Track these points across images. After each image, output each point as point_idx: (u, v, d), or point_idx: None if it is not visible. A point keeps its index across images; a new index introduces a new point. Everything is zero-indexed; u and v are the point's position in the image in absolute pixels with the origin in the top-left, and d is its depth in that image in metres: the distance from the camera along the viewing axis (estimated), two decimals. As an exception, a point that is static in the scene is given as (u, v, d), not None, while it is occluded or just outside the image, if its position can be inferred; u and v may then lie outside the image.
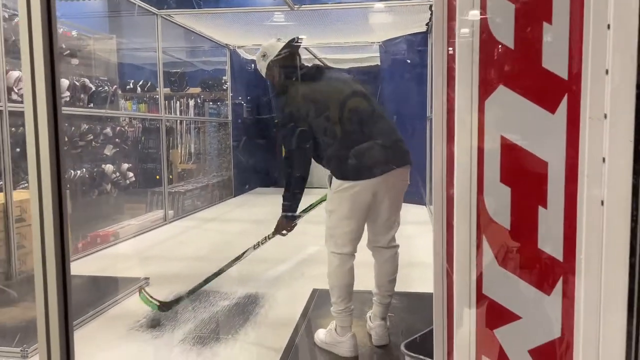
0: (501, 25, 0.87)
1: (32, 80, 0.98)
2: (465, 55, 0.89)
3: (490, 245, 0.91)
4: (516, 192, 0.90)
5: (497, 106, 0.89)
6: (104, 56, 7.02)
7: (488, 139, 0.90)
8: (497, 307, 0.92)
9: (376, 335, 2.60)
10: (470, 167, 0.90)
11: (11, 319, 2.94)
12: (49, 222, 1.04)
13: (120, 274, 3.89)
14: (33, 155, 0.99)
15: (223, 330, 2.90)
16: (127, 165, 6.84)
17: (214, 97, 8.46)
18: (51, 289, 1.15)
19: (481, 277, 0.92)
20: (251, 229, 5.84)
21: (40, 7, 0.95)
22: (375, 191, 2.36)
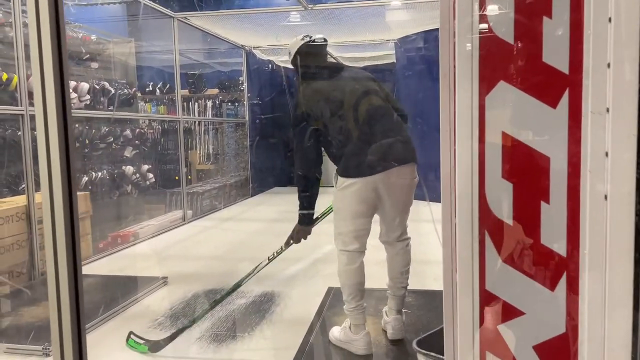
0: (501, 20, 0.87)
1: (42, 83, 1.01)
2: (465, 51, 0.89)
3: (493, 242, 0.91)
4: (518, 187, 0.90)
5: (498, 102, 0.89)
6: (122, 59, 7.14)
7: (489, 135, 0.90)
8: (500, 303, 0.92)
9: (392, 329, 2.61)
10: (472, 163, 0.90)
11: (33, 318, 3.02)
12: (60, 224, 1.07)
13: (140, 273, 3.96)
14: (44, 157, 1.02)
15: (239, 328, 2.93)
16: (147, 166, 6.95)
17: (231, 97, 8.53)
18: (63, 290, 1.18)
19: (484, 273, 0.92)
20: (268, 228, 5.88)
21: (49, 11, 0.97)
22: (377, 188, 2.37)
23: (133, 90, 6.99)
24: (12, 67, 4.76)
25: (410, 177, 2.48)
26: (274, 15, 6.38)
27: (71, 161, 1.04)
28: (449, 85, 1.36)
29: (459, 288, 0.93)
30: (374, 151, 2.38)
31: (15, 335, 2.81)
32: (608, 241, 0.84)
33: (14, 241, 3.67)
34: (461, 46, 0.89)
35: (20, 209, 3.72)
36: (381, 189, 2.39)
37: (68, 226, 1.07)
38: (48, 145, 1.02)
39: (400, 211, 2.54)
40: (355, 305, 2.46)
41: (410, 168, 2.47)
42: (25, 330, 2.85)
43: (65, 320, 1.16)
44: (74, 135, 1.37)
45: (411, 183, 2.50)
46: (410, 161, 2.47)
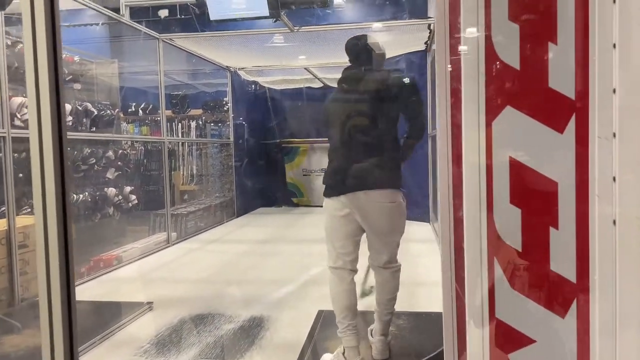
0: (506, 46, 0.88)
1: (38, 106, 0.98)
2: (471, 76, 0.89)
3: (502, 267, 0.90)
4: (526, 212, 0.89)
5: (505, 127, 0.89)
6: (106, 80, 7.08)
7: (496, 159, 0.89)
8: (510, 331, 0.91)
9: (376, 349, 2.61)
10: (479, 188, 0.89)
11: (13, 347, 2.91)
12: (53, 248, 1.03)
13: (124, 298, 3.85)
14: (38, 180, 0.99)
15: (228, 354, 2.86)
16: (130, 188, 6.85)
17: (216, 118, 8.50)
18: (56, 316, 1.13)
19: (493, 300, 0.90)
20: (254, 249, 5.81)
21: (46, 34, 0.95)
22: (347, 209, 2.40)
23: (116, 111, 6.93)
24: (-7, 89, 4.68)
25: (383, 200, 2.40)
26: (260, 37, 6.41)
27: (66, 185, 1.01)
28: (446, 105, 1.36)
29: (469, 316, 0.91)
30: (340, 173, 2.44)
31: (-6, 366, 2.70)
32: (617, 266, 0.84)
33: (-7, 267, 3.55)
34: (467, 72, 0.89)
35: (0, 233, 3.62)
36: (353, 211, 2.40)
37: (62, 251, 1.03)
38: (42, 168, 0.98)
39: (381, 236, 2.49)
40: (346, 325, 2.43)
41: (380, 193, 2.40)
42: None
43: (57, 347, 1.11)
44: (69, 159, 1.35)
45: (388, 207, 2.42)
46: (381, 187, 2.41)
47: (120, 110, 7.18)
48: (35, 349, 2.86)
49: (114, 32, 7.91)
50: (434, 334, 2.96)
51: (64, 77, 5.83)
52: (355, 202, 2.38)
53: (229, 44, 6.57)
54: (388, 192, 2.43)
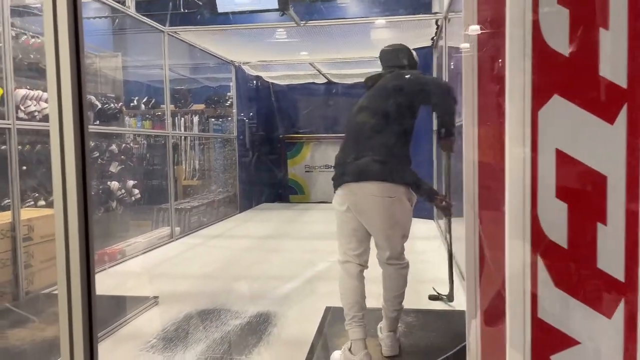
0: (555, 32, 0.83)
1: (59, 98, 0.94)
2: (517, 63, 0.85)
3: (546, 265, 0.86)
4: (573, 208, 0.85)
5: (552, 117, 0.85)
6: (109, 73, 7.04)
7: (542, 152, 0.85)
8: (553, 332, 0.86)
9: (385, 346, 2.60)
10: (524, 182, 0.85)
11: (19, 341, 2.87)
12: (74, 240, 1.00)
13: (129, 292, 3.82)
14: (58, 173, 0.95)
15: (236, 350, 2.82)
16: (133, 182, 6.81)
17: (219, 113, 8.45)
18: (75, 307, 1.10)
19: (536, 300, 0.86)
20: (257, 244, 5.78)
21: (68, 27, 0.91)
22: (351, 201, 2.41)
23: (119, 105, 6.89)
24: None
25: (378, 194, 2.37)
26: (265, 32, 6.36)
27: (87, 178, 0.97)
28: (472, 97, 1.32)
29: (509, 316, 0.87)
30: (342, 166, 2.49)
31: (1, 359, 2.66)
32: (670, 265, 0.79)
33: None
34: (512, 58, 0.84)
35: (4, 226, 3.58)
36: (353, 203, 2.41)
37: (83, 241, 0.99)
38: (63, 161, 0.94)
39: (380, 232, 2.46)
40: (352, 316, 2.42)
41: (378, 186, 2.37)
42: (11, 354, 2.71)
43: (77, 337, 1.07)
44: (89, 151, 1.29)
45: (386, 202, 2.38)
46: (378, 180, 2.38)
47: (123, 104, 7.14)
48: (38, 343, 2.83)
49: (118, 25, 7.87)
50: (443, 331, 2.93)
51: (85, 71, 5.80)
52: (350, 195, 2.42)
53: (234, 37, 6.52)
54: (387, 186, 2.38)
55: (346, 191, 2.42)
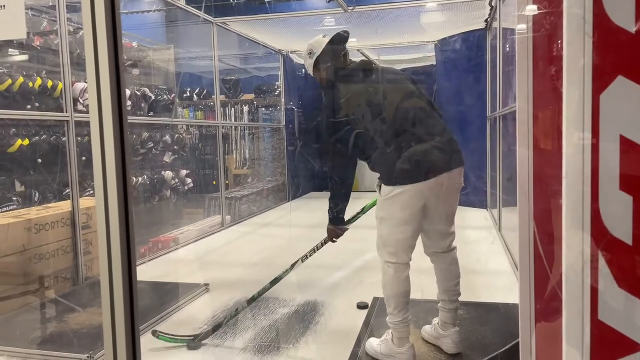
0: (619, 6, 0.75)
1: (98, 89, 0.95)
2: (576, 41, 0.77)
3: (608, 264, 0.78)
4: (639, 200, 0.77)
5: (615, 100, 0.77)
6: (162, 65, 7.23)
7: (604, 139, 0.77)
8: (616, 335, 0.79)
9: (452, 342, 2.49)
10: (583, 172, 0.78)
11: (77, 325, 3.01)
12: (114, 229, 1.01)
13: (181, 279, 3.93)
14: (99, 163, 0.96)
15: (283, 339, 2.84)
16: (186, 171, 6.99)
17: (268, 102, 8.52)
18: (117, 295, 1.11)
19: (597, 301, 0.79)
20: (306, 233, 5.79)
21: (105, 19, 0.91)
22: (427, 195, 2.25)
23: (172, 96, 7.07)
24: (57, 75, 4.86)
25: (459, 181, 2.38)
26: (312, 19, 6.32)
27: (127, 168, 0.98)
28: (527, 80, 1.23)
29: (566, 316, 0.81)
30: (423, 156, 2.25)
31: (60, 342, 2.79)
32: None
33: (58, 247, 3.69)
34: (571, 36, 0.77)
35: (65, 214, 3.75)
36: (431, 196, 2.26)
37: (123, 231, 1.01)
38: (103, 151, 0.95)
39: (448, 219, 2.43)
40: (401, 319, 2.34)
41: (459, 172, 2.36)
42: (70, 337, 2.84)
43: (119, 325, 1.09)
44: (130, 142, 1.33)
45: (458, 188, 2.40)
46: (459, 165, 2.36)
47: (175, 95, 7.32)
48: (96, 327, 2.95)
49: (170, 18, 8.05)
50: (497, 325, 2.83)
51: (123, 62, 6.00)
52: (436, 187, 2.25)
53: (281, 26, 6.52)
54: (461, 171, 2.37)
55: (425, 186, 2.22)
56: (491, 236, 4.93)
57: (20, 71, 4.79)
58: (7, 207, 4.54)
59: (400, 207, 2.26)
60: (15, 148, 4.68)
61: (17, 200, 4.71)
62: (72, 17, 4.77)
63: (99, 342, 2.66)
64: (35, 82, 4.76)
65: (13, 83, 4.61)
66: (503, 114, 4.65)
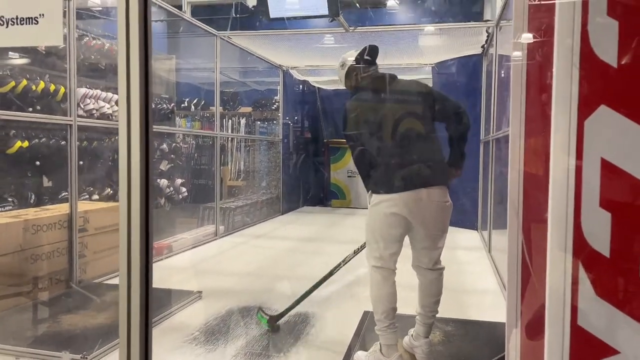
0: (604, 43, 0.84)
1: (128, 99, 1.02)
2: (565, 73, 0.86)
3: (588, 274, 0.86)
4: (617, 217, 0.85)
5: (598, 127, 0.85)
6: (163, 75, 7.32)
7: (587, 161, 0.85)
8: (593, 340, 0.87)
9: (422, 352, 2.58)
10: (567, 190, 0.86)
11: (71, 326, 3.04)
12: (135, 231, 1.08)
13: (174, 286, 3.96)
14: (125, 168, 1.03)
15: (274, 348, 2.88)
16: (181, 180, 7.04)
17: (265, 116, 8.62)
18: (134, 293, 1.18)
19: (576, 308, 0.87)
20: (299, 246, 5.84)
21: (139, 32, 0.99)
22: (408, 208, 2.37)
23: (172, 106, 7.15)
24: (58, 79, 4.92)
25: (439, 199, 2.45)
26: (313, 37, 6.45)
27: (150, 175, 1.05)
28: (520, 107, 1.32)
29: (548, 322, 0.88)
30: (403, 170, 2.42)
31: (54, 342, 2.82)
32: None
33: (54, 248, 3.72)
34: (560, 68, 0.86)
35: (62, 216, 3.79)
36: (410, 208, 2.38)
37: (144, 234, 1.07)
38: (130, 157, 1.02)
39: (431, 237, 2.50)
40: (387, 324, 2.43)
41: (440, 190, 2.44)
42: (64, 338, 2.87)
43: (134, 322, 1.16)
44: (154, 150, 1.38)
45: (442, 207, 2.47)
46: (440, 183, 2.45)
47: (175, 105, 7.41)
48: (89, 329, 2.98)
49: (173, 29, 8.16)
50: (483, 342, 2.89)
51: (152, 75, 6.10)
52: (415, 199, 2.37)
53: (282, 42, 6.64)
54: (444, 190, 2.46)
55: (403, 197, 2.37)
56: (481, 257, 5.01)
57: (24, 74, 4.86)
58: (2, 207, 4.58)
59: (383, 214, 2.41)
60: (15, 149, 4.72)
61: (13, 201, 4.75)
62: (78, 23, 4.86)
63: (92, 343, 2.69)
64: (38, 86, 4.83)
65: (16, 85, 4.67)
66: (496, 138, 4.76)
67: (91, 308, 3.36)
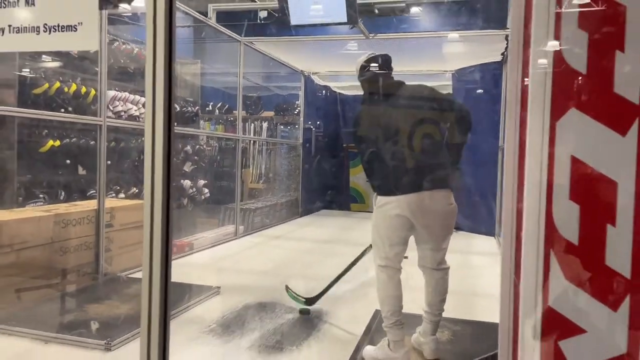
0: (574, 53, 0.94)
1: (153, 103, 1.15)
2: (539, 79, 0.96)
3: (558, 260, 0.96)
4: (585, 208, 0.94)
5: (568, 128, 0.95)
6: (188, 79, 7.53)
7: (558, 158, 0.95)
8: (562, 320, 0.96)
9: (429, 349, 2.66)
10: (541, 184, 0.96)
11: (97, 315, 3.21)
12: (157, 227, 1.21)
13: (194, 281, 4.11)
14: (149, 168, 1.16)
15: (287, 341, 3.00)
16: (203, 181, 7.23)
17: (287, 120, 8.77)
18: (155, 285, 1.31)
19: (547, 291, 0.96)
20: (316, 248, 5.96)
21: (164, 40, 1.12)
22: (411, 209, 2.46)
23: (196, 109, 7.35)
24: (89, 82, 5.15)
25: (444, 202, 2.53)
26: (335, 44, 6.57)
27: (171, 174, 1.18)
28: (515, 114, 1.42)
29: (522, 303, 0.98)
30: (408, 173, 2.51)
31: (80, 329, 2.98)
32: (674, 266, 0.87)
33: (81, 242, 3.91)
34: (535, 74, 0.96)
35: (90, 212, 3.98)
36: (414, 210, 2.47)
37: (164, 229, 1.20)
38: (153, 158, 1.15)
39: (436, 237, 2.59)
40: (394, 321, 2.52)
41: (443, 193, 2.53)
42: (89, 325, 3.04)
43: (154, 312, 1.28)
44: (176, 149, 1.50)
45: (447, 209, 2.55)
46: (443, 187, 2.53)
47: (199, 108, 7.61)
48: (113, 318, 3.14)
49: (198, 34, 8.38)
50: (490, 343, 2.95)
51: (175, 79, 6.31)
52: (418, 202, 2.46)
53: (304, 48, 6.78)
54: (448, 193, 2.55)
55: (407, 200, 2.46)
56: (495, 262, 5.05)
57: (57, 76, 5.10)
58: (34, 203, 4.80)
59: (387, 215, 2.52)
60: (47, 148, 4.96)
61: (44, 197, 4.98)
62: (109, 29, 5.08)
63: (116, 331, 2.85)
64: (70, 88, 5.06)
65: (50, 87, 4.91)
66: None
67: (115, 299, 3.52)
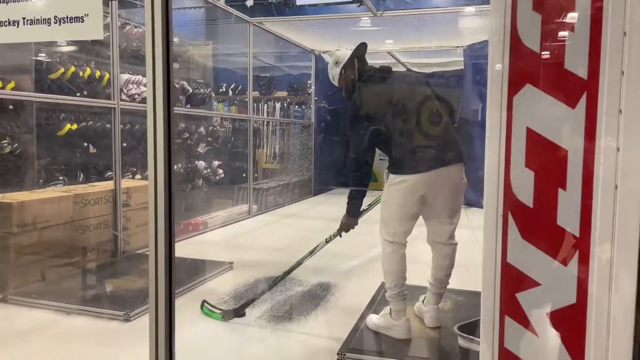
0: (528, 32, 1.02)
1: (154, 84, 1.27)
2: (497, 57, 1.05)
3: (515, 221, 1.06)
4: (539, 175, 1.04)
5: (524, 102, 1.04)
6: (200, 61, 7.63)
7: (515, 129, 1.05)
8: (519, 274, 1.07)
9: (430, 317, 2.77)
10: (499, 153, 1.06)
11: (116, 288, 3.40)
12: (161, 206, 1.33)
13: (208, 258, 4.29)
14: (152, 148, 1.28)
15: (296, 311, 3.15)
16: (218, 162, 7.39)
17: (299, 100, 8.85)
18: (160, 263, 1.45)
19: (506, 248, 1.07)
20: (328, 226, 6.07)
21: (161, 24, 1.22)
22: (425, 186, 2.54)
23: (209, 90, 7.47)
24: (103, 65, 5.29)
25: (457, 178, 2.62)
26: (344, 22, 6.60)
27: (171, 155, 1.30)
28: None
29: (484, 260, 1.09)
30: (421, 153, 2.58)
31: (100, 302, 3.18)
32: (616, 224, 0.97)
33: (100, 221, 4.10)
34: (494, 53, 1.05)
35: (108, 192, 4.16)
36: (428, 188, 2.55)
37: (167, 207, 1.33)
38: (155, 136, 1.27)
39: (447, 213, 2.67)
40: (397, 292, 2.63)
41: (457, 168, 2.61)
42: (109, 298, 3.23)
43: (160, 288, 1.43)
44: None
45: (459, 184, 2.64)
46: (458, 162, 2.61)
47: (212, 90, 7.72)
48: (132, 291, 3.33)
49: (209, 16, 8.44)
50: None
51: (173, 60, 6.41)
52: (435, 179, 2.54)
53: (314, 27, 6.82)
54: (461, 168, 2.63)
55: (425, 177, 2.53)
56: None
57: (72, 61, 5.24)
58: (54, 184, 5.01)
59: (400, 193, 2.58)
60: (65, 131, 5.14)
61: (64, 179, 5.18)
62: (121, 12, 5.19)
63: (134, 303, 3.03)
64: (85, 72, 5.21)
65: (65, 72, 5.06)
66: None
67: (133, 274, 3.72)
